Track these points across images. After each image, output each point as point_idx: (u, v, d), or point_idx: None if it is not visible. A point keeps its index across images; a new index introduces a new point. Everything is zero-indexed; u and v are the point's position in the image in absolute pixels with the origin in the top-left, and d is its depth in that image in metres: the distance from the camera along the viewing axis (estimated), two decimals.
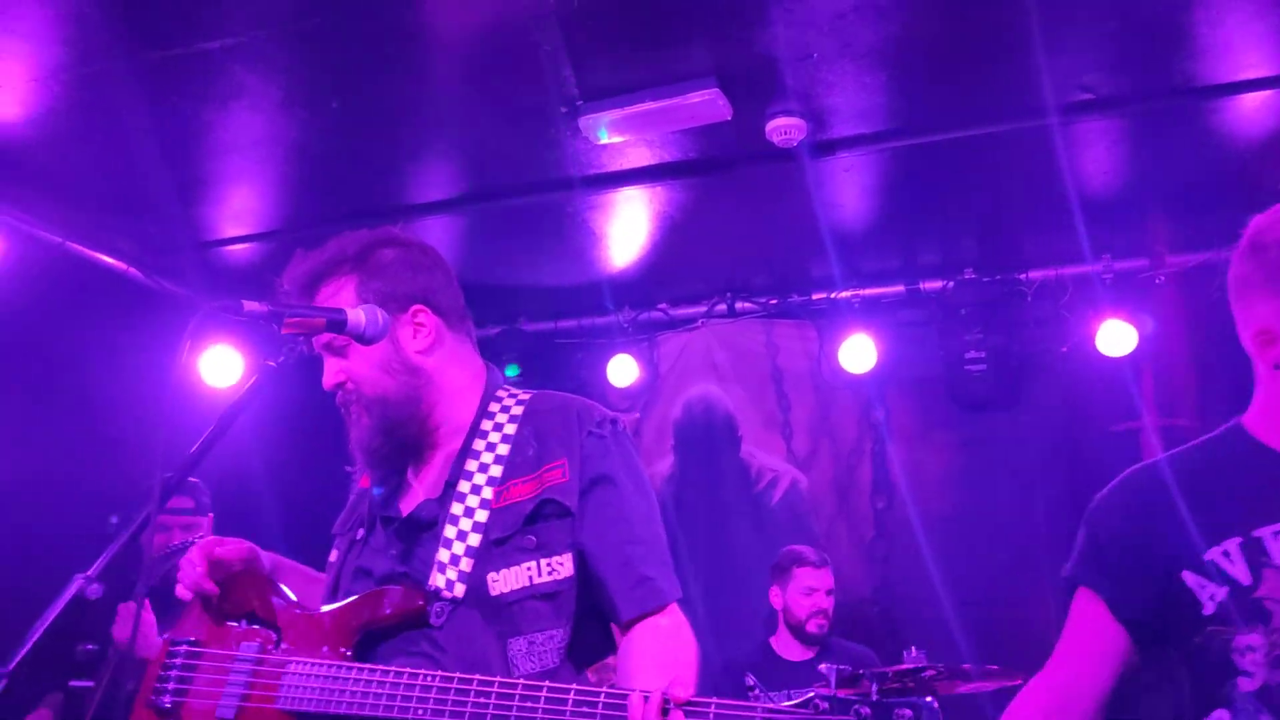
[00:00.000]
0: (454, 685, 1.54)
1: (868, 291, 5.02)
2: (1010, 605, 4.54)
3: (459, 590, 1.67)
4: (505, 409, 1.84)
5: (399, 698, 1.57)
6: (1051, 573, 4.55)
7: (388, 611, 1.69)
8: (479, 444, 1.79)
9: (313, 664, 1.67)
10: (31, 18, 3.15)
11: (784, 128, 3.57)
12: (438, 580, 1.69)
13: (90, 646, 1.45)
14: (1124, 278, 4.65)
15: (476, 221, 4.64)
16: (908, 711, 1.33)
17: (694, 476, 5.32)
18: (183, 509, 3.75)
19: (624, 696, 1.46)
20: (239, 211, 4.55)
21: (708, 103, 3.37)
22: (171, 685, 1.78)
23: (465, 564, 1.69)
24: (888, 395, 5.10)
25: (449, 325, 1.88)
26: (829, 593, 4.11)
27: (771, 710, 1.40)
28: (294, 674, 1.68)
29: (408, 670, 1.59)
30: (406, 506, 1.82)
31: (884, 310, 5.04)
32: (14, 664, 1.30)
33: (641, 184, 4.16)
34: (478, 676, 1.54)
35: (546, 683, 1.52)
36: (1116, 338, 4.54)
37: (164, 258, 4.93)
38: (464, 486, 1.75)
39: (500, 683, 1.53)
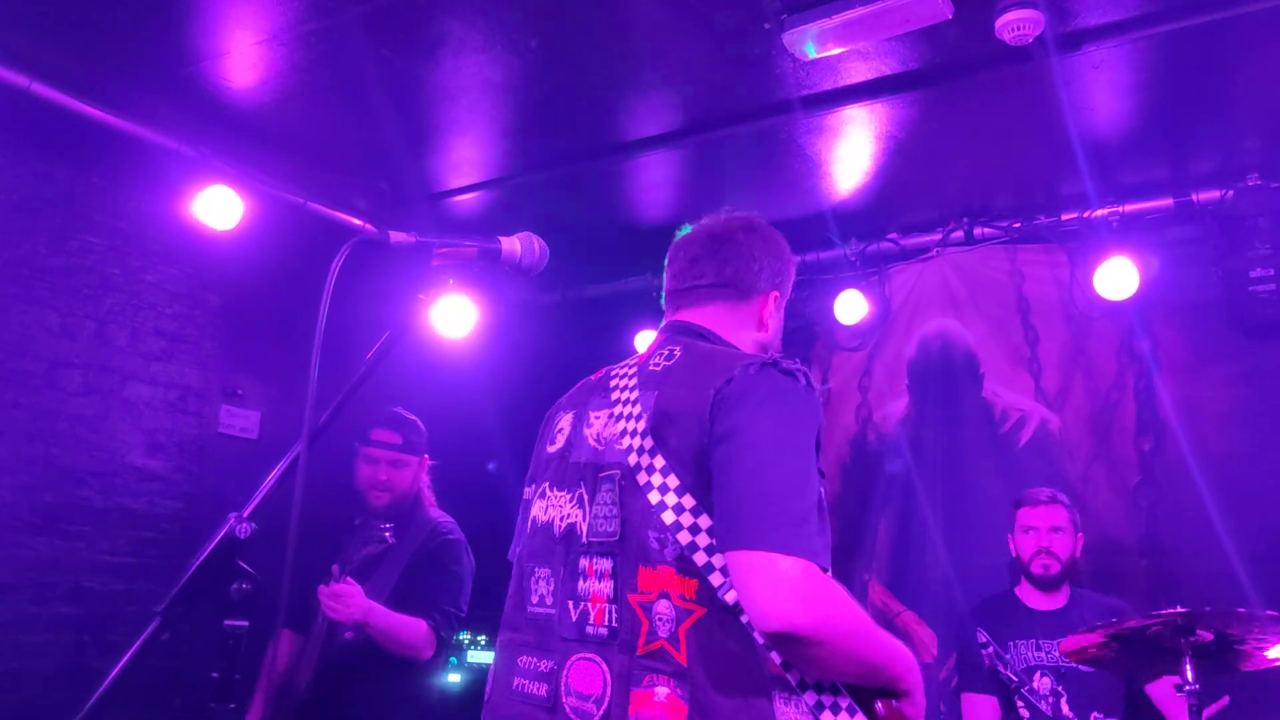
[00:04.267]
0: None
1: (1128, 208, 4.45)
2: None
3: None
4: None
5: None
6: None
7: None
8: None
9: None
10: None
11: (1016, 22, 3.16)
12: None
13: (244, 586, 1.47)
14: None
15: (692, 156, 4.49)
16: None
17: (932, 418, 4.97)
18: (389, 443, 3.62)
19: None
20: (460, 162, 4.64)
21: (923, 1, 3.04)
22: None
23: None
24: (1153, 324, 4.52)
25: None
26: (1054, 530, 3.70)
27: None
28: None
29: None
30: None
31: (1148, 228, 4.45)
32: (166, 604, 1.31)
33: (860, 101, 3.85)
34: None
35: None
36: None
37: (397, 212, 5.13)
38: None
39: None
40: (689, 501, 1.59)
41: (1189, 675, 2.57)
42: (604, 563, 1.66)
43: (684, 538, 1.58)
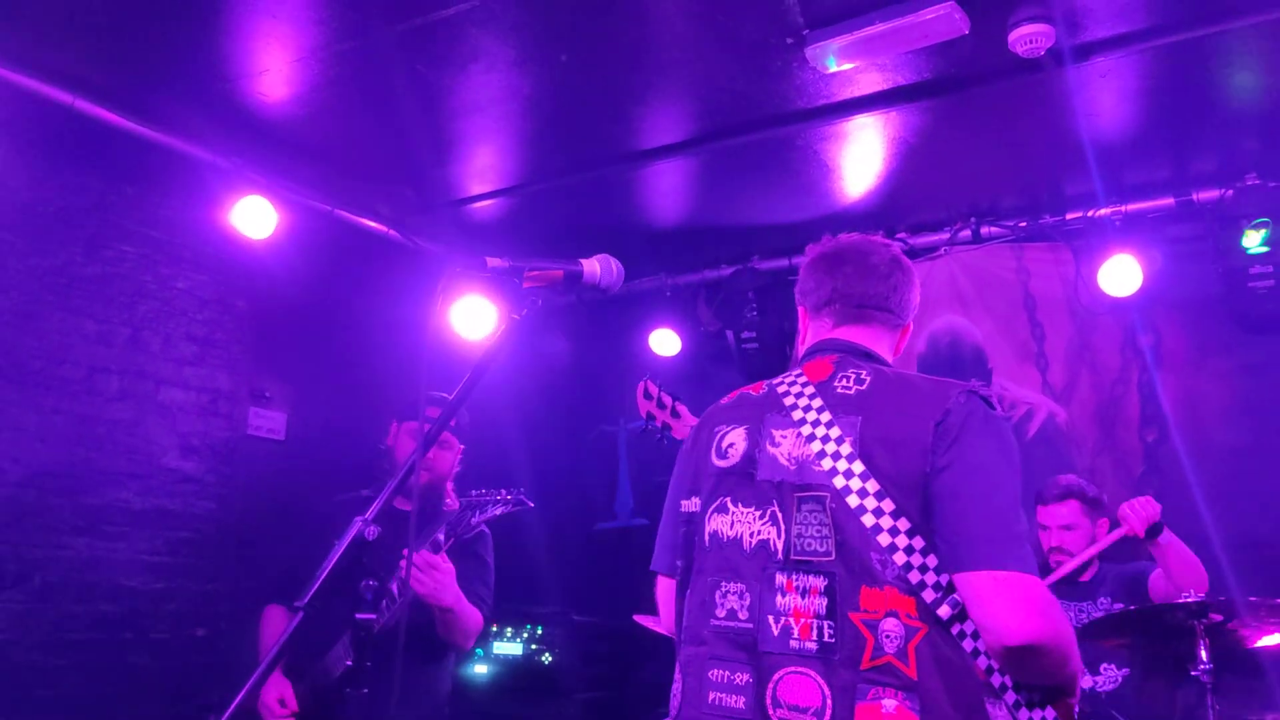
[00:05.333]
0: None
1: (1131, 207, 4.61)
2: None
3: None
4: None
5: None
6: None
7: None
8: None
9: None
10: (290, 2, 3.42)
11: (1029, 36, 3.31)
12: None
13: (372, 583, 1.59)
14: None
15: (707, 162, 4.63)
16: None
17: None
18: None
19: None
20: (483, 169, 4.77)
21: (943, 18, 3.18)
22: None
23: None
24: (1156, 319, 4.69)
25: (809, 314, 2.13)
26: (1065, 528, 3.85)
27: None
28: None
29: None
30: None
31: (1150, 226, 4.61)
32: (306, 599, 1.45)
33: (874, 111, 4.00)
34: None
35: None
36: None
37: (420, 218, 5.27)
38: None
39: None
40: (904, 524, 1.70)
41: (1204, 656, 2.73)
42: (812, 580, 1.75)
43: (900, 559, 1.69)
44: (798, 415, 1.87)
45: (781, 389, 1.95)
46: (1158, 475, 4.58)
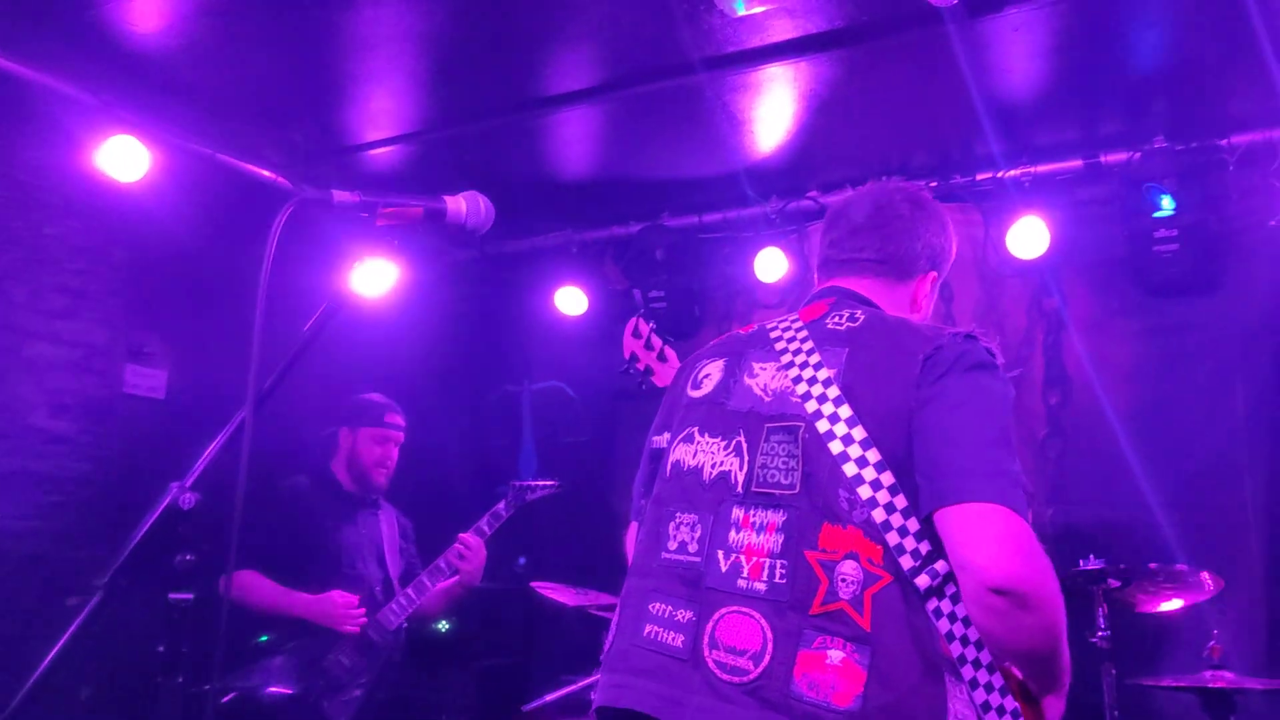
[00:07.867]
0: None
1: (1039, 168, 4.57)
2: (1204, 510, 4.13)
3: None
4: None
5: None
6: (1252, 473, 4.13)
7: None
8: None
9: None
10: None
11: None
12: None
13: (188, 557, 1.40)
14: None
15: (615, 112, 4.44)
16: None
17: None
18: (401, 425, 4.25)
19: None
20: (376, 114, 4.51)
21: None
22: None
23: None
24: (1063, 281, 4.67)
25: (817, 275, 2.09)
26: None
27: None
28: None
29: None
30: None
31: (1058, 188, 4.58)
32: (109, 576, 1.27)
33: (785, 60, 3.85)
34: None
35: None
36: None
37: (310, 166, 4.97)
38: None
39: None
40: (874, 455, 1.55)
41: (1101, 622, 2.70)
42: (770, 515, 1.60)
43: (865, 492, 1.54)
44: (780, 347, 1.76)
45: (771, 326, 1.86)
46: (1060, 438, 4.59)
